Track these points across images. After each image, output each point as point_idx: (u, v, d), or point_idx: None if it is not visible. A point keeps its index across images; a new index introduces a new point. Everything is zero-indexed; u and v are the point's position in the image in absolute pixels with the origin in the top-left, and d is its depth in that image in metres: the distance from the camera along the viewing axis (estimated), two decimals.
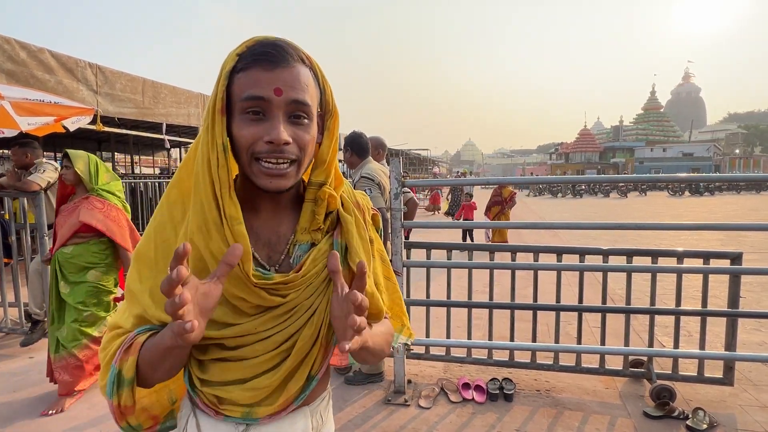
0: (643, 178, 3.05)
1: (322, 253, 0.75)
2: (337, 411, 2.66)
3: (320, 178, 0.76)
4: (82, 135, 10.57)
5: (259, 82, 0.66)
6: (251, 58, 0.67)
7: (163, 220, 0.75)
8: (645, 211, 16.61)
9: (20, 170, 3.76)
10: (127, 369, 0.67)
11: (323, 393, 0.84)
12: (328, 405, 0.86)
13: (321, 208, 0.76)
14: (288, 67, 0.67)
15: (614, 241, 8.54)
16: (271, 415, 0.74)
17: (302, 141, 0.69)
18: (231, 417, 0.73)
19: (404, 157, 21.99)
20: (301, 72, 0.69)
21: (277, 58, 0.66)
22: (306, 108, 0.69)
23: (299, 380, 0.74)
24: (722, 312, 2.76)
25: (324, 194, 0.75)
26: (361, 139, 3.20)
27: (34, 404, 2.74)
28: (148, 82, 5.92)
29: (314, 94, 0.71)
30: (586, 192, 30.24)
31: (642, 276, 3.40)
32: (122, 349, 0.68)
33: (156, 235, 0.75)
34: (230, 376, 0.72)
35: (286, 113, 0.68)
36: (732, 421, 2.48)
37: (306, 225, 0.76)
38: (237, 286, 0.70)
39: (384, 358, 0.86)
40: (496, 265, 3.02)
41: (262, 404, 0.73)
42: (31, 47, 4.37)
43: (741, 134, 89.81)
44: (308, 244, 0.76)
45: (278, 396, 0.73)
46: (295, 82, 0.67)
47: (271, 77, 0.66)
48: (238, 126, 0.68)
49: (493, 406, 2.70)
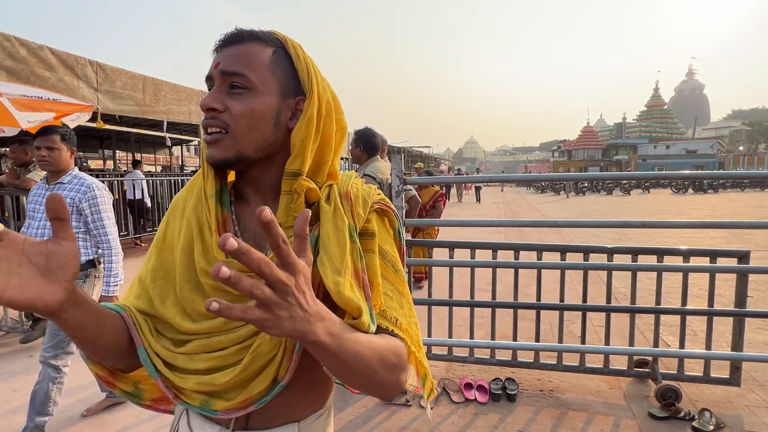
0: (646, 176, 3.02)
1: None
2: (337, 411, 2.63)
3: (294, 167, 0.70)
4: (83, 133, 10.58)
5: (212, 63, 0.71)
6: (216, 46, 0.72)
7: (179, 200, 0.80)
8: (649, 209, 16.52)
9: (19, 168, 3.75)
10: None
11: (320, 410, 0.77)
12: (325, 424, 0.78)
13: (297, 203, 0.70)
14: (235, 45, 0.70)
15: (618, 239, 8.48)
16: (230, 410, 0.68)
17: (234, 110, 0.68)
18: (188, 404, 0.70)
19: (406, 155, 22.01)
20: (249, 48, 0.70)
21: (229, 40, 0.70)
22: (240, 78, 0.68)
23: (263, 382, 0.67)
24: (729, 311, 2.72)
25: (300, 187, 0.70)
26: (374, 138, 3.19)
27: None
28: (148, 79, 5.89)
29: (265, 70, 0.70)
30: (589, 189, 30.13)
31: (647, 275, 3.36)
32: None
33: (169, 215, 0.80)
34: (192, 365, 0.68)
35: (224, 84, 0.69)
36: (739, 422, 2.44)
37: (282, 220, 0.70)
38: (205, 259, 0.69)
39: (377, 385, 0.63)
40: (499, 263, 2.98)
41: (221, 397, 0.68)
42: (31, 44, 4.35)
43: (745, 131, 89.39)
44: None
45: (238, 393, 0.68)
46: (236, 56, 0.69)
47: (217, 57, 0.70)
48: None
49: (496, 406, 2.67)
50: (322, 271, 0.65)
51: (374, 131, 3.25)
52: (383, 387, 0.64)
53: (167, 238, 0.76)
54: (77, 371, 3.22)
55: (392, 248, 0.76)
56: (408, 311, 0.73)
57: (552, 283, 3.16)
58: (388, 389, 0.65)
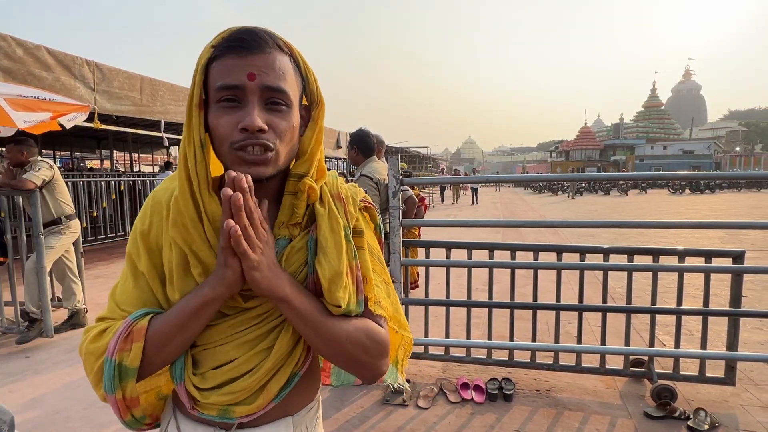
0: (643, 176, 3.04)
1: (296, 251, 0.72)
2: (334, 411, 2.63)
3: (301, 170, 0.73)
4: (80, 133, 10.56)
5: (233, 69, 0.64)
6: (225, 47, 0.65)
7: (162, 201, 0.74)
8: (646, 209, 16.57)
9: (15, 168, 3.73)
10: (131, 358, 0.64)
11: (310, 403, 0.81)
12: (315, 416, 0.82)
13: (301, 201, 0.72)
14: (262, 53, 0.65)
15: (615, 240, 8.51)
16: (249, 414, 0.71)
17: (279, 128, 0.66)
18: (205, 414, 0.71)
19: (404, 155, 21.88)
20: (277, 58, 0.66)
21: (251, 44, 0.64)
22: (282, 95, 0.66)
23: (280, 380, 0.72)
24: (724, 311, 2.74)
25: (304, 186, 0.72)
26: (369, 139, 3.21)
27: (30, 405, 2.72)
28: (146, 79, 5.87)
29: (293, 82, 0.69)
30: (587, 190, 30.19)
31: (643, 275, 3.38)
32: (119, 339, 0.65)
33: (153, 214, 0.74)
34: (207, 383, 0.70)
35: (261, 99, 0.65)
36: (734, 422, 2.45)
37: (285, 219, 0.73)
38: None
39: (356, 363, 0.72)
40: (496, 263, 2.99)
41: (241, 404, 0.70)
42: (28, 44, 4.33)
43: (741, 132, 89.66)
44: (287, 239, 0.73)
45: (257, 396, 0.70)
46: (270, 67, 0.65)
47: (244, 64, 0.64)
48: (214, 116, 0.65)
49: (493, 406, 2.67)
50: (320, 272, 0.70)
51: (368, 131, 3.26)
52: (362, 366, 0.72)
53: (152, 239, 0.73)
54: (77, 371, 3.22)
55: (375, 242, 0.83)
56: (394, 298, 0.83)
57: (549, 283, 3.17)
58: (368, 370, 0.73)
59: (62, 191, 3.91)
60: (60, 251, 3.86)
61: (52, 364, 3.31)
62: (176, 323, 0.66)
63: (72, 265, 4.01)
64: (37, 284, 3.62)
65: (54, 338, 3.73)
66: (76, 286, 4.01)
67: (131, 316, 0.68)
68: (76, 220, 4.05)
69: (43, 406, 2.69)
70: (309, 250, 0.73)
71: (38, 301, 3.64)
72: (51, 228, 3.81)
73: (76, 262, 4.10)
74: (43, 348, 3.59)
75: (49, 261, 3.76)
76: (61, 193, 3.89)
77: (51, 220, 3.81)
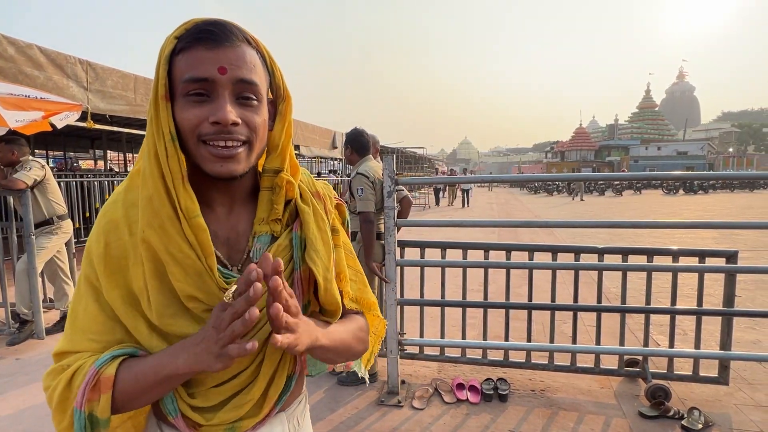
0: (638, 176, 3.04)
1: (282, 248, 0.72)
2: (329, 412, 2.62)
3: (275, 165, 0.72)
4: (73, 133, 10.48)
5: (202, 62, 0.62)
6: (192, 38, 0.62)
7: (116, 218, 0.68)
8: (640, 209, 16.66)
9: (6, 168, 3.69)
10: (101, 410, 0.61)
11: (299, 396, 0.82)
12: (304, 409, 0.84)
13: (279, 196, 0.72)
14: (232, 46, 0.63)
15: (609, 240, 8.54)
16: (257, 424, 0.71)
17: (252, 122, 0.65)
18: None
19: (399, 156, 21.81)
20: (246, 52, 0.65)
21: (220, 36, 0.63)
22: (254, 88, 0.65)
23: (279, 384, 0.72)
24: (718, 311, 2.75)
25: (281, 180, 0.72)
26: (362, 138, 3.23)
27: (21, 408, 2.69)
28: (140, 78, 5.83)
29: (262, 76, 0.68)
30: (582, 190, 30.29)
31: (637, 275, 3.38)
32: (86, 389, 0.60)
33: (109, 234, 0.68)
34: (210, 401, 0.69)
35: (232, 93, 0.63)
36: (727, 421, 2.46)
37: (264, 215, 0.72)
38: (194, 284, 0.64)
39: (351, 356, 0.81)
40: (491, 264, 2.99)
41: (247, 417, 0.70)
42: (20, 43, 4.29)
43: (734, 133, 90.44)
44: (268, 236, 0.72)
45: (261, 405, 0.71)
46: (241, 60, 0.64)
47: (214, 56, 0.62)
48: (182, 110, 0.63)
49: (488, 406, 2.67)
50: (315, 270, 0.71)
51: (362, 131, 3.27)
52: (355, 356, 0.81)
53: (112, 260, 0.67)
54: None
55: (347, 238, 0.87)
56: (366, 286, 0.88)
57: (544, 283, 3.17)
58: (358, 356, 0.82)
59: (54, 191, 3.87)
60: (52, 252, 3.82)
61: (43, 366, 3.27)
62: (144, 387, 0.62)
63: (64, 265, 3.98)
64: (29, 285, 3.59)
65: (45, 340, 3.69)
66: (68, 286, 3.97)
67: (97, 362, 0.62)
68: (69, 221, 4.01)
69: (33, 408, 2.66)
70: (294, 247, 0.72)
71: (29, 302, 3.60)
72: (43, 228, 3.77)
73: (69, 262, 4.06)
74: (34, 350, 3.55)
75: (41, 262, 3.72)
76: (53, 193, 3.85)
77: (43, 220, 3.77)
